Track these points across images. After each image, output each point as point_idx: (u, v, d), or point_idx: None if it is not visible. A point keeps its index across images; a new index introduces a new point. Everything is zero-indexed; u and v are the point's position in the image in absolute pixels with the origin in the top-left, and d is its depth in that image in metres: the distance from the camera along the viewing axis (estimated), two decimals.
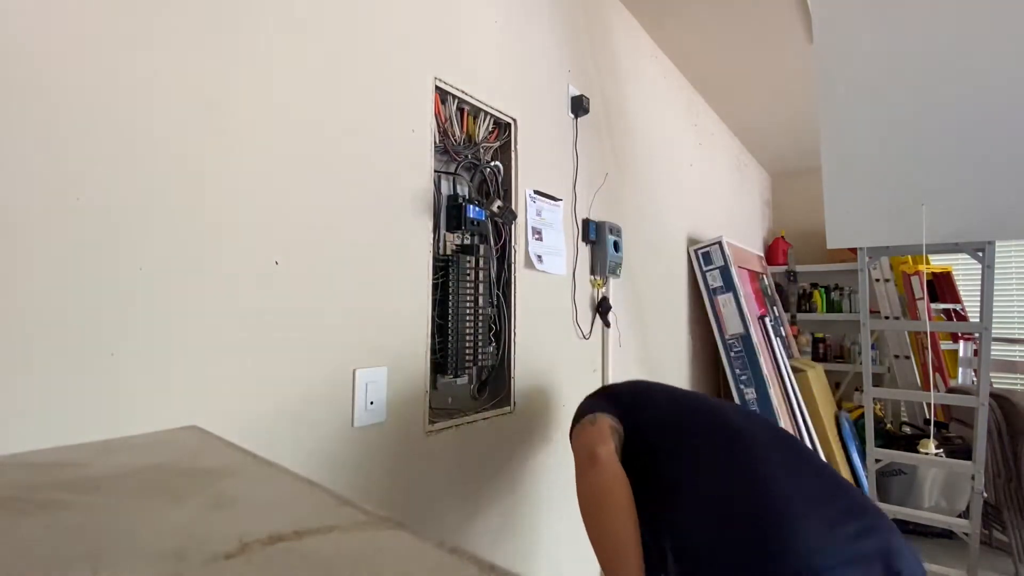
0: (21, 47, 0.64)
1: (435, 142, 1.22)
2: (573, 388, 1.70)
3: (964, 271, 3.73)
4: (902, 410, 3.43)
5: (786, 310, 3.92)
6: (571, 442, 1.05)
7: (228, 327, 0.83)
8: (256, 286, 0.86)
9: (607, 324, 1.87)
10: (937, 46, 1.66)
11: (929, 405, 2.38)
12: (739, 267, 2.71)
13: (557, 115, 1.70)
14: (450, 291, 1.22)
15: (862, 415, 2.34)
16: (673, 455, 0.90)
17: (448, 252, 1.27)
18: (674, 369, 2.55)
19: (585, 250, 1.81)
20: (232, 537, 0.22)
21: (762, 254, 4.11)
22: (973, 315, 3.33)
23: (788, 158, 4.21)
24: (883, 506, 2.05)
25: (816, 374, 3.00)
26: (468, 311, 1.25)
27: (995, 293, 1.74)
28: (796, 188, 4.57)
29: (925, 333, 2.96)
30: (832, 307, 4.07)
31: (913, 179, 1.75)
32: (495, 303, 1.39)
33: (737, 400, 2.46)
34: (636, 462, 0.92)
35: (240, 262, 0.84)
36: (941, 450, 2.03)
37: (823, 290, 4.11)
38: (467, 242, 1.33)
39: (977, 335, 1.90)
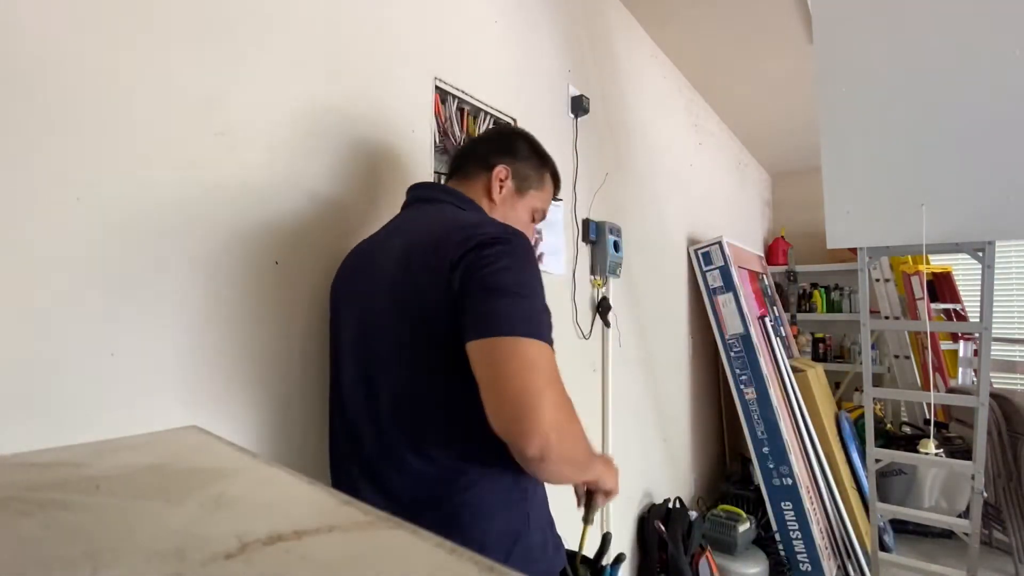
0: (22, 47, 0.64)
1: (435, 142, 1.22)
2: (573, 388, 1.70)
3: (964, 271, 3.73)
4: (902, 410, 3.43)
5: (786, 310, 3.92)
6: (530, 356, 0.65)
7: (228, 327, 0.83)
8: (256, 286, 0.86)
9: (607, 324, 1.87)
10: (937, 46, 1.66)
11: (929, 405, 2.38)
12: (739, 267, 2.71)
13: (557, 115, 1.70)
14: None
15: (862, 415, 2.34)
16: None
17: None
18: (674, 369, 2.55)
19: (585, 250, 1.81)
20: (232, 537, 0.22)
21: (762, 254, 4.11)
22: (973, 315, 3.33)
23: (788, 158, 4.21)
24: (883, 506, 2.05)
25: (816, 374, 3.00)
26: None
27: (995, 293, 1.74)
28: (796, 188, 4.57)
29: (925, 333, 2.96)
30: (832, 307, 4.07)
31: (913, 179, 1.74)
32: None
33: (737, 400, 2.46)
34: None
35: (240, 262, 0.84)
36: (941, 450, 2.03)
37: (823, 290, 4.11)
38: None
39: (977, 335, 1.90)
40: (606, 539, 1.32)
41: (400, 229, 0.83)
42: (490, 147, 0.94)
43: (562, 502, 0.95)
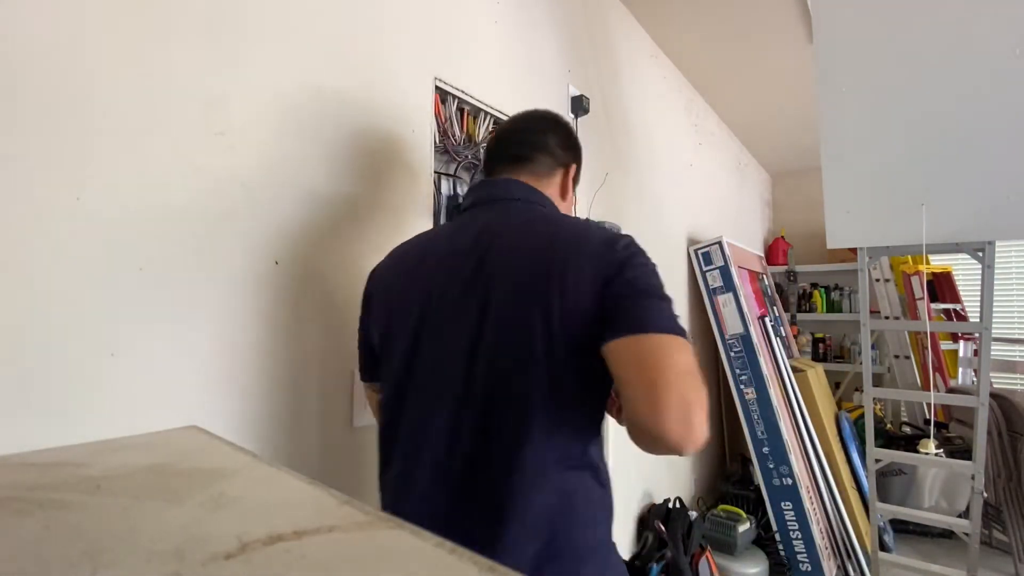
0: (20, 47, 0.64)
1: (435, 142, 1.22)
2: None
3: (964, 271, 3.73)
4: (902, 410, 3.43)
5: (786, 310, 3.92)
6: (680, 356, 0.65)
7: (228, 327, 0.83)
8: (256, 286, 0.86)
9: None
10: (937, 46, 1.66)
11: (929, 405, 2.38)
12: (739, 267, 2.71)
13: None
14: None
15: (862, 415, 2.34)
16: None
17: None
18: None
19: None
20: (232, 537, 0.22)
21: (762, 254, 4.11)
22: (973, 315, 3.33)
23: (788, 158, 4.21)
24: (883, 506, 2.05)
25: (816, 374, 3.00)
26: None
27: (995, 293, 1.74)
28: (796, 188, 4.57)
29: (925, 333, 2.96)
30: (832, 307, 4.07)
31: (913, 179, 1.74)
32: None
33: (737, 400, 2.46)
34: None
35: (240, 263, 0.84)
36: (941, 450, 2.03)
37: (823, 290, 4.11)
38: None
39: (977, 335, 1.90)
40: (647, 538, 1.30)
41: (505, 228, 0.75)
42: (560, 142, 0.87)
43: None
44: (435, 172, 1.22)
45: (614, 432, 1.90)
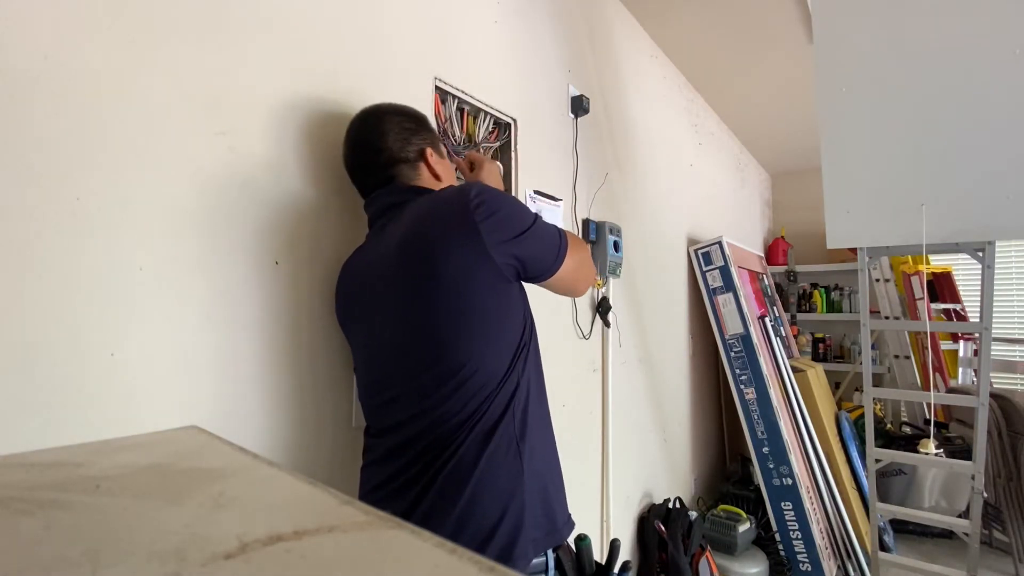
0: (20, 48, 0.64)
1: None
2: (573, 388, 1.70)
3: (964, 271, 3.73)
4: (902, 410, 3.43)
5: (786, 310, 3.92)
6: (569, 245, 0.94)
7: (228, 327, 0.83)
8: (256, 286, 0.86)
9: (607, 324, 1.87)
10: (937, 46, 1.66)
11: (929, 405, 2.38)
12: (739, 267, 2.71)
13: (557, 115, 1.70)
14: None
15: (862, 415, 2.34)
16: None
17: None
18: (674, 369, 2.55)
19: None
20: (232, 537, 0.22)
21: (762, 254, 4.11)
22: (973, 315, 3.33)
23: (788, 158, 4.21)
24: (883, 506, 2.05)
25: (816, 374, 3.00)
26: None
27: (995, 293, 1.74)
28: (796, 188, 4.57)
29: (925, 333, 2.96)
30: (832, 307, 4.07)
31: (913, 179, 1.74)
32: None
33: (737, 400, 2.46)
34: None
35: (240, 262, 0.84)
36: (941, 450, 2.02)
37: (823, 290, 4.11)
38: None
39: (977, 335, 1.90)
40: (614, 545, 1.31)
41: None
42: (399, 142, 0.89)
43: None
44: None
45: (613, 436, 1.90)
